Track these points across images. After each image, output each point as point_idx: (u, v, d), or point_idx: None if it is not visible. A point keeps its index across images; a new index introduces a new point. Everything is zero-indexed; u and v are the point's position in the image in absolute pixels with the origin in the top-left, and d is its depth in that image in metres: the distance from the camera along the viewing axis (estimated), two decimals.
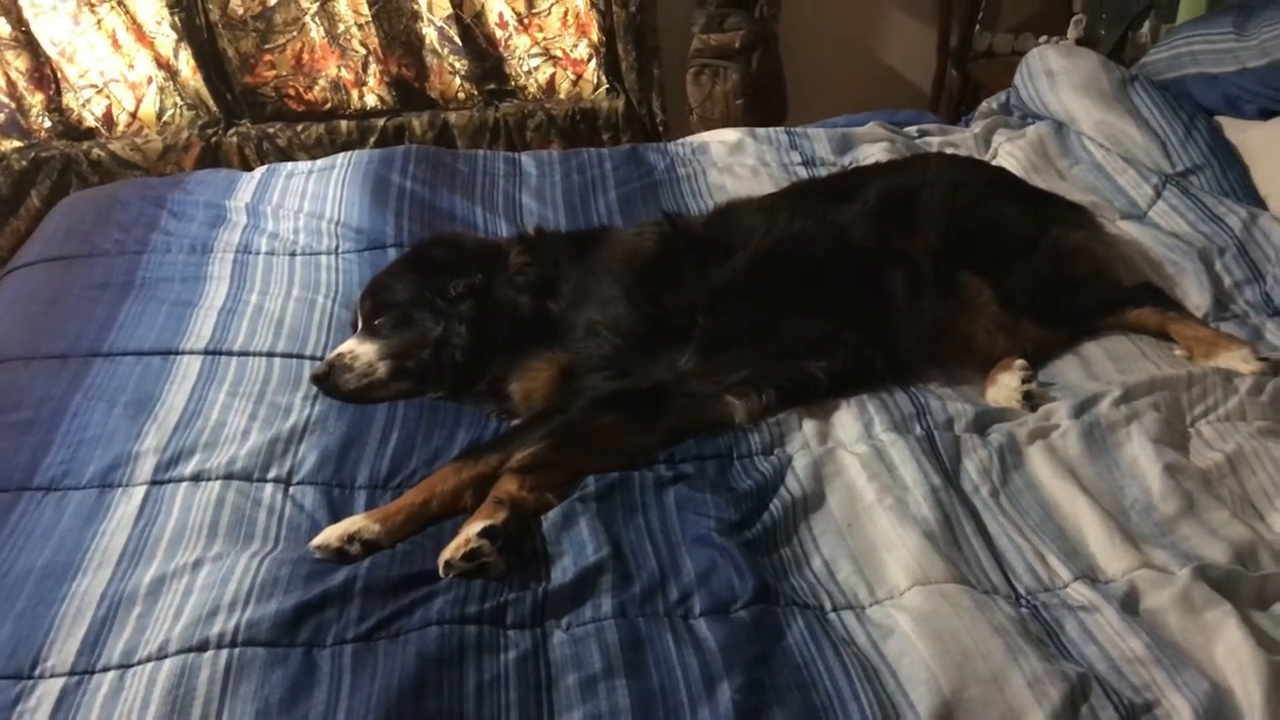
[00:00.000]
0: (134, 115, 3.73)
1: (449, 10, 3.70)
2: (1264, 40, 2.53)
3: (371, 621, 1.48)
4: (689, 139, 2.94)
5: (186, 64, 3.63)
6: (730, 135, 2.89)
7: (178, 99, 3.71)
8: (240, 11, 3.60)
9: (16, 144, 3.63)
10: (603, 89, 3.93)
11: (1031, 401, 1.96)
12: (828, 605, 1.55)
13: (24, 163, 3.60)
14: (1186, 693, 1.37)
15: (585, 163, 2.80)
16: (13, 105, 3.61)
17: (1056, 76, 2.80)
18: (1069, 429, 1.85)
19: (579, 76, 3.93)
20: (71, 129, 3.68)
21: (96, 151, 3.62)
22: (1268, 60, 2.50)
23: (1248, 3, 2.70)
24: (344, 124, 3.74)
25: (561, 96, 3.93)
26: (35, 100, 3.61)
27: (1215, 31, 2.70)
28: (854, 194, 2.23)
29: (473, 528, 1.59)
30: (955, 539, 1.64)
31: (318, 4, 3.62)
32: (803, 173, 2.73)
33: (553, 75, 3.91)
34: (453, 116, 3.79)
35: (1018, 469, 1.80)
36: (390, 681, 1.37)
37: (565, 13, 3.80)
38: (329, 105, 3.80)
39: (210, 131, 3.69)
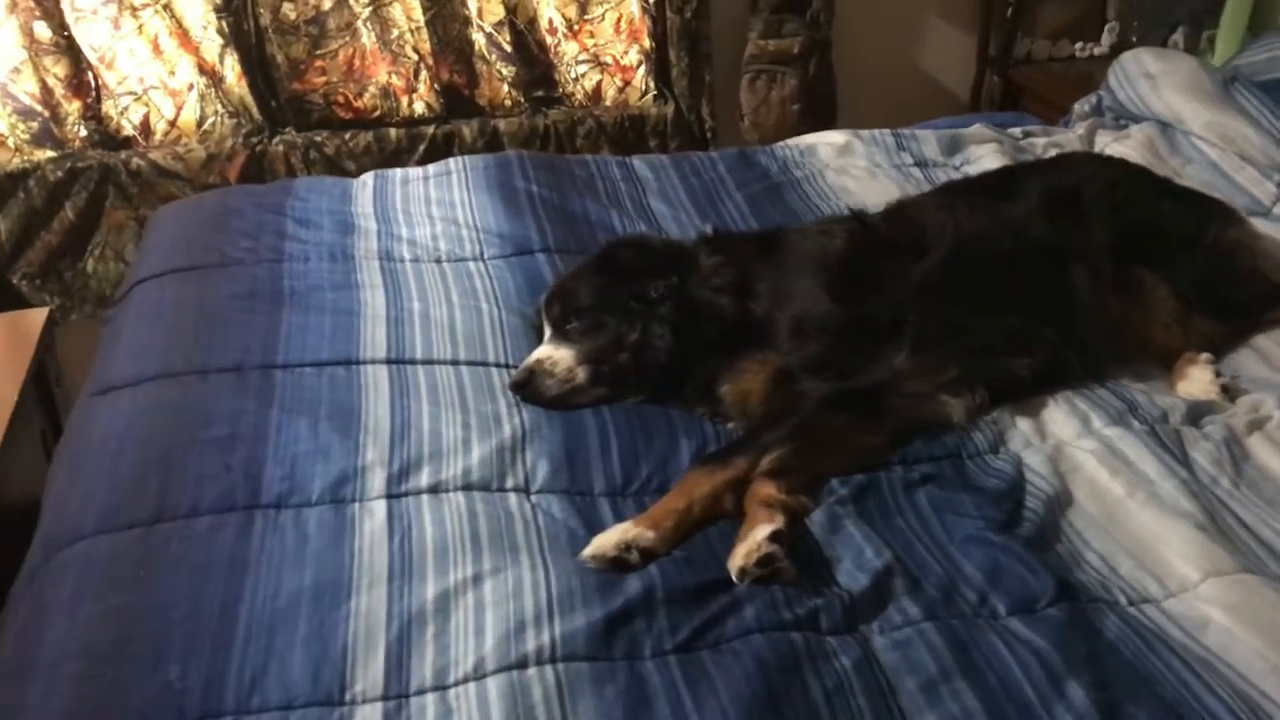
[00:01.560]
0: (173, 124, 3.58)
1: (500, 16, 3.63)
2: None
3: (685, 631, 1.42)
4: (794, 141, 2.92)
5: (232, 70, 3.50)
6: (837, 138, 2.88)
7: (219, 106, 3.56)
8: (293, 16, 3.49)
9: (51, 154, 3.45)
10: (650, 95, 3.89)
11: (1229, 394, 1.98)
12: (1123, 600, 1.54)
13: (59, 173, 3.43)
14: None
15: (698, 166, 2.76)
16: (46, 114, 3.44)
17: (1157, 79, 2.86)
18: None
19: (626, 83, 3.88)
20: (108, 138, 3.52)
21: (136, 161, 3.47)
22: None
23: None
24: (393, 132, 3.63)
25: (607, 103, 3.88)
26: (72, 108, 3.44)
27: None
28: (1015, 193, 2.23)
29: (759, 533, 1.54)
30: (1221, 530, 1.64)
31: (370, 9, 3.53)
32: (917, 174, 2.73)
33: (599, 81, 3.86)
34: (502, 124, 3.71)
35: (1245, 460, 1.81)
36: (739, 691, 1.32)
37: (619, 19, 3.76)
38: (377, 113, 3.69)
39: (255, 140, 3.55)
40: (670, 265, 2.03)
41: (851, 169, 2.74)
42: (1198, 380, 2.01)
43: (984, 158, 2.75)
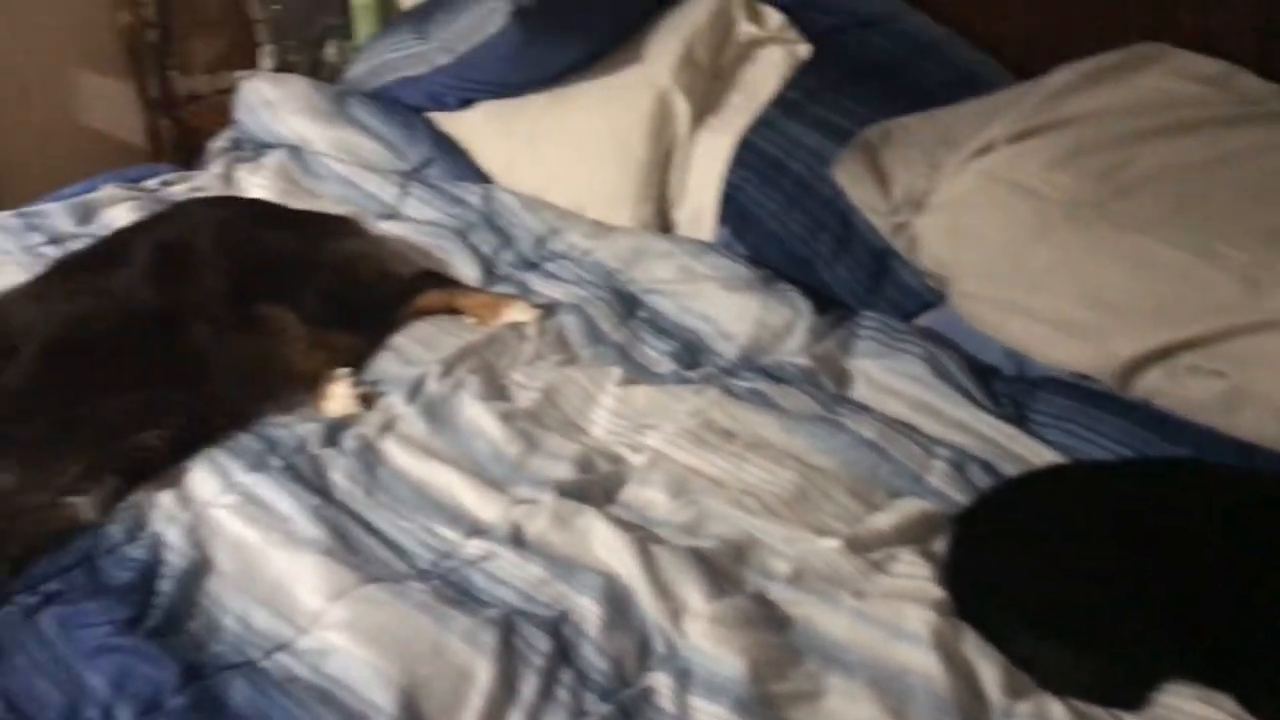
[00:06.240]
0: None
1: None
2: (444, 41, 2.88)
3: None
4: None
5: None
6: None
7: None
8: None
9: None
10: None
11: (369, 402, 2.07)
12: (257, 656, 1.53)
13: None
14: (586, 591, 1.59)
15: None
16: None
17: (275, 105, 2.92)
18: (408, 414, 2.00)
19: None
20: None
21: None
22: (453, 57, 2.84)
23: (421, 11, 3.04)
24: None
25: None
26: None
27: (400, 40, 3.00)
28: (125, 259, 2.16)
29: None
30: (351, 545, 1.70)
31: None
32: (52, 253, 2.54)
33: None
34: None
35: (380, 465, 1.90)
36: None
37: None
38: None
39: None
40: None
41: None
42: (338, 398, 2.07)
43: (122, 219, 2.63)
